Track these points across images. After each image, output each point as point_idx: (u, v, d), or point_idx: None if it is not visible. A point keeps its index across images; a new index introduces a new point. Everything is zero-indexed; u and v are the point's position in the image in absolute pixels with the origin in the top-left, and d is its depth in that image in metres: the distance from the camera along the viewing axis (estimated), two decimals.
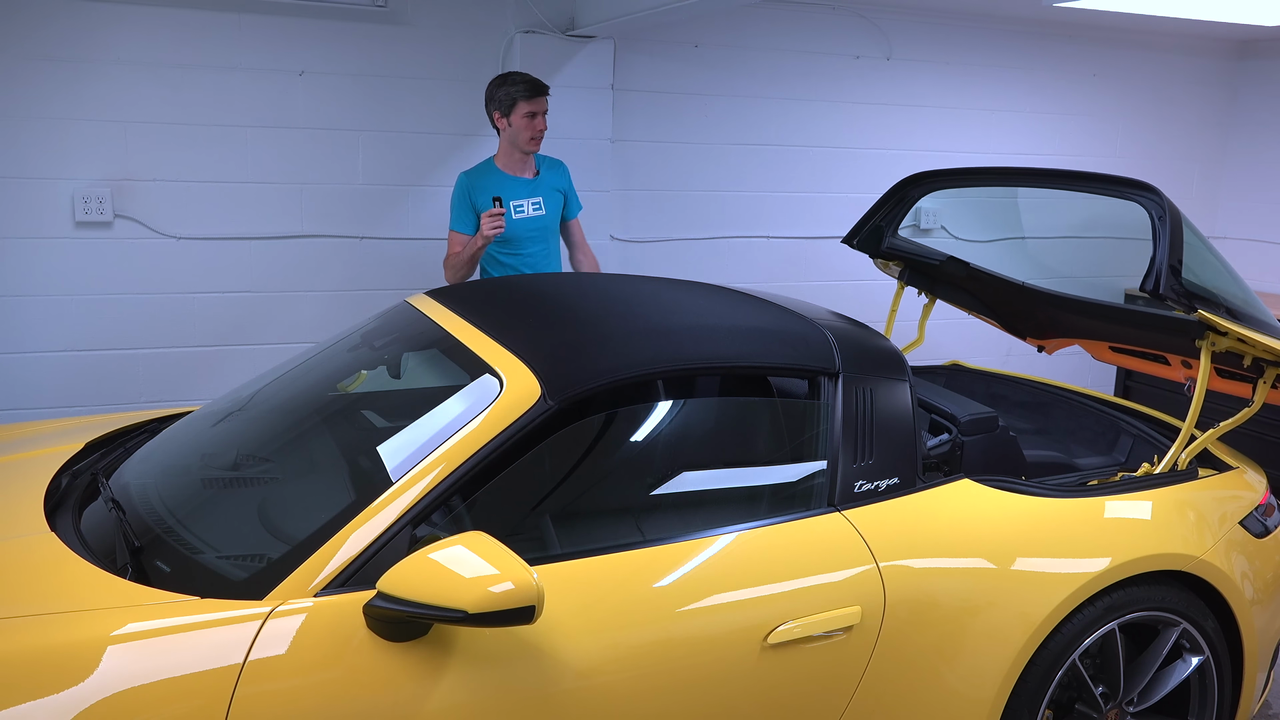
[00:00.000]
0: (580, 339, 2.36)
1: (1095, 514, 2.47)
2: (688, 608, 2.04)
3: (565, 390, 2.13)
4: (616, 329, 2.43)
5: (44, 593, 1.85)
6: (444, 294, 2.79)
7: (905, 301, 3.73)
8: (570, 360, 2.24)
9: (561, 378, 2.15)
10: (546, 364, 2.19)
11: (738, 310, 2.63)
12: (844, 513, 2.26)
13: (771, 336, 2.46)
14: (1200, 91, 6.29)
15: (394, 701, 1.79)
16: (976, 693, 2.26)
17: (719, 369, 2.38)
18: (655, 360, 2.28)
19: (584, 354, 2.28)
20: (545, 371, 2.17)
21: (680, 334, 2.41)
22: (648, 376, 2.28)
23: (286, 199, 4.40)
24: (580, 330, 2.42)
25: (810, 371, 2.40)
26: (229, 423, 2.60)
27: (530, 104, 3.79)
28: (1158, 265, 2.51)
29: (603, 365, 2.23)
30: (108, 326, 4.25)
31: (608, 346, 2.32)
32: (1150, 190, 2.65)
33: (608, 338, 2.37)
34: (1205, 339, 2.71)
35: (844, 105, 5.39)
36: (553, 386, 2.13)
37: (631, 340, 2.35)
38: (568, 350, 2.28)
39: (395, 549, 1.88)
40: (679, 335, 2.40)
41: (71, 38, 4.00)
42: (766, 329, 2.50)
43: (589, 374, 2.19)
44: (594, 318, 2.50)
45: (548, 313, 2.56)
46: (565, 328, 2.43)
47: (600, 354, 2.29)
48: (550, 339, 2.34)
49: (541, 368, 2.18)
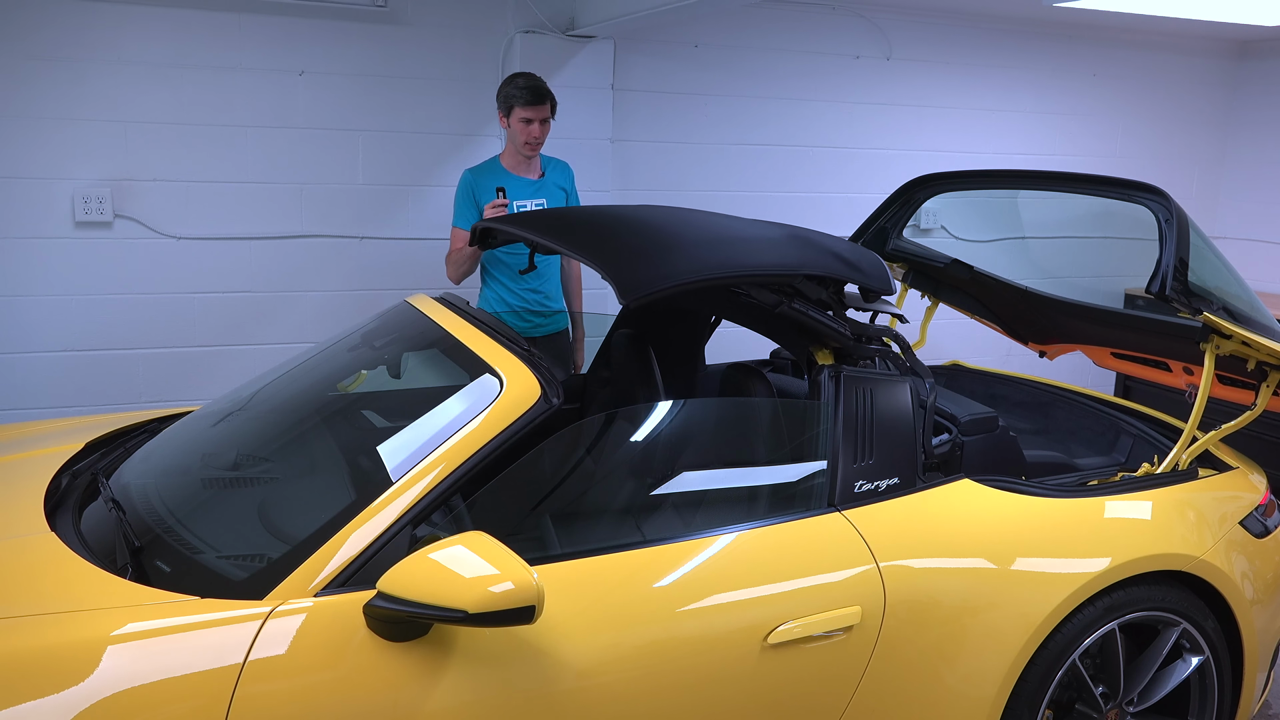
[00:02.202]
0: (646, 245, 2.36)
1: (1095, 514, 2.47)
2: (688, 608, 2.04)
3: (637, 290, 2.15)
4: (683, 238, 2.43)
5: (44, 593, 1.85)
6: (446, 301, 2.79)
7: (908, 303, 3.73)
8: (640, 263, 2.24)
9: (632, 279, 2.17)
10: (616, 266, 2.21)
11: (791, 229, 2.63)
12: (844, 513, 2.26)
13: (829, 251, 2.46)
14: (1200, 91, 6.29)
15: (394, 701, 1.79)
16: (977, 692, 2.26)
17: (783, 275, 2.36)
18: (724, 265, 2.29)
19: (653, 258, 2.28)
20: (616, 273, 2.20)
21: (745, 242, 2.41)
22: (719, 280, 2.29)
23: (286, 199, 4.40)
24: (645, 238, 2.42)
25: (870, 291, 2.42)
26: (229, 423, 2.59)
27: (527, 110, 3.78)
28: (1164, 268, 2.51)
29: (672, 269, 2.24)
30: (108, 326, 4.25)
31: (676, 252, 2.33)
32: (1158, 193, 2.65)
33: (674, 245, 2.37)
34: (1209, 342, 2.71)
35: (844, 105, 5.39)
36: (624, 287, 2.16)
37: (699, 247, 2.36)
38: (635, 254, 2.29)
39: (395, 549, 1.88)
40: (743, 244, 2.40)
41: (71, 38, 4.00)
42: (826, 244, 2.50)
43: (660, 276, 2.21)
44: (655, 229, 2.50)
45: (608, 225, 2.58)
46: (631, 235, 2.44)
47: (669, 259, 2.29)
48: (615, 244, 2.35)
49: (612, 270, 2.20)
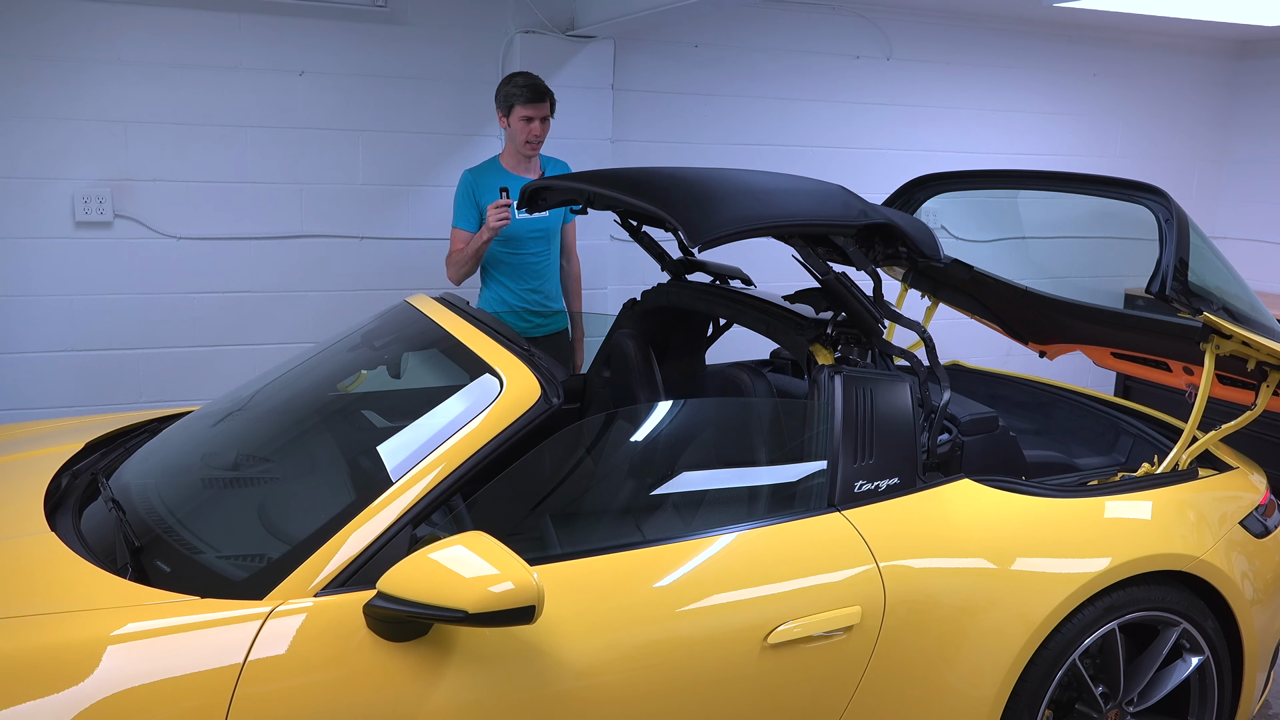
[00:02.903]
0: (710, 193, 2.39)
1: (1095, 514, 2.47)
2: (688, 608, 2.04)
3: (705, 233, 2.20)
4: (745, 187, 2.47)
5: (44, 593, 1.85)
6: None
7: (908, 304, 3.73)
8: (706, 208, 2.29)
9: (701, 222, 2.22)
10: (684, 211, 2.26)
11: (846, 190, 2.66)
12: (844, 513, 2.26)
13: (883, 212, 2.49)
14: (1200, 91, 6.29)
15: (394, 701, 1.79)
16: (977, 692, 2.26)
17: (845, 225, 2.39)
18: (789, 214, 2.35)
19: (719, 204, 2.32)
20: (684, 217, 2.24)
21: (807, 194, 2.46)
22: (785, 228, 2.33)
23: (286, 199, 4.40)
24: (707, 187, 2.45)
25: (919, 253, 2.46)
26: (229, 423, 2.60)
27: (527, 109, 3.78)
28: (1164, 268, 2.51)
29: (739, 214, 2.28)
30: (108, 326, 4.25)
31: (741, 199, 2.37)
32: (1158, 193, 2.65)
33: (737, 193, 2.41)
34: (1210, 342, 2.71)
35: (844, 105, 5.39)
36: (693, 230, 2.20)
37: (764, 196, 2.42)
38: (701, 200, 2.33)
39: (395, 549, 1.88)
40: (806, 195, 2.46)
41: (72, 38, 4.01)
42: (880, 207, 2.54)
43: (728, 220, 2.24)
44: (715, 180, 2.53)
45: (668, 177, 2.61)
46: (692, 185, 2.47)
47: (735, 204, 2.33)
48: (679, 192, 2.39)
49: (680, 214, 2.25)
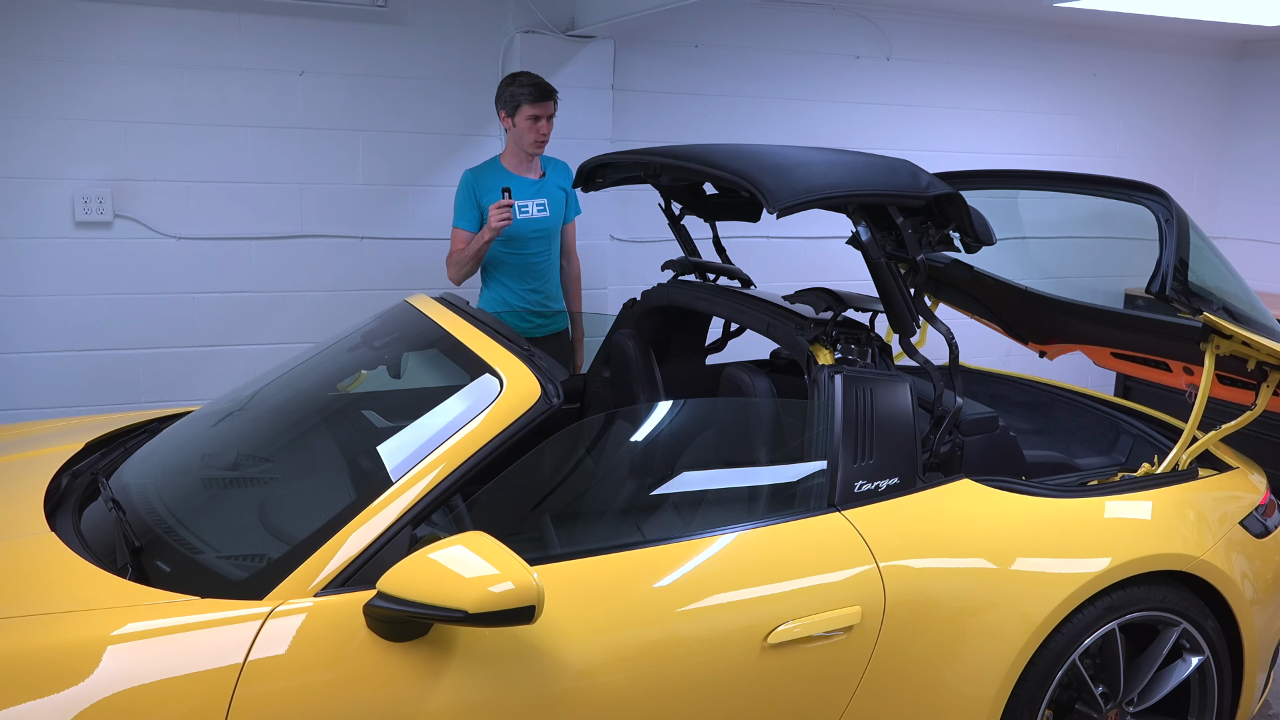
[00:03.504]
0: (783, 163, 2.44)
1: (1095, 514, 2.47)
2: (688, 608, 2.04)
3: (785, 200, 2.26)
4: (817, 159, 2.52)
5: (44, 593, 1.85)
6: None
7: None
8: (784, 176, 2.34)
9: (781, 189, 2.28)
10: (762, 178, 2.32)
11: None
12: (844, 513, 2.26)
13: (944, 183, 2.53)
14: (1200, 91, 6.29)
15: (394, 701, 1.79)
16: (976, 692, 2.26)
17: (915, 195, 2.42)
18: (863, 183, 2.39)
19: (795, 173, 2.38)
20: (763, 184, 2.30)
21: (876, 167, 2.50)
22: (860, 197, 2.37)
23: (286, 199, 4.40)
24: (779, 158, 2.50)
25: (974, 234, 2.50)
26: (229, 423, 2.60)
27: (534, 108, 3.78)
28: (1164, 268, 2.51)
29: (817, 182, 2.34)
30: (108, 326, 4.25)
31: (817, 169, 2.42)
32: (1158, 193, 2.65)
33: (811, 164, 2.46)
34: (1210, 342, 2.71)
35: (844, 105, 5.39)
36: (773, 196, 2.26)
37: (837, 167, 2.46)
38: (776, 169, 2.39)
39: (395, 549, 1.88)
40: (876, 167, 2.49)
41: (72, 38, 4.00)
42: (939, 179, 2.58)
43: (806, 189, 2.31)
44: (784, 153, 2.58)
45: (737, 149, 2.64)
46: (764, 156, 2.52)
47: (812, 173, 2.39)
48: (754, 162, 2.44)
49: (758, 181, 2.31)
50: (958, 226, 2.49)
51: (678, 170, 2.77)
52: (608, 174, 3.15)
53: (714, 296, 2.98)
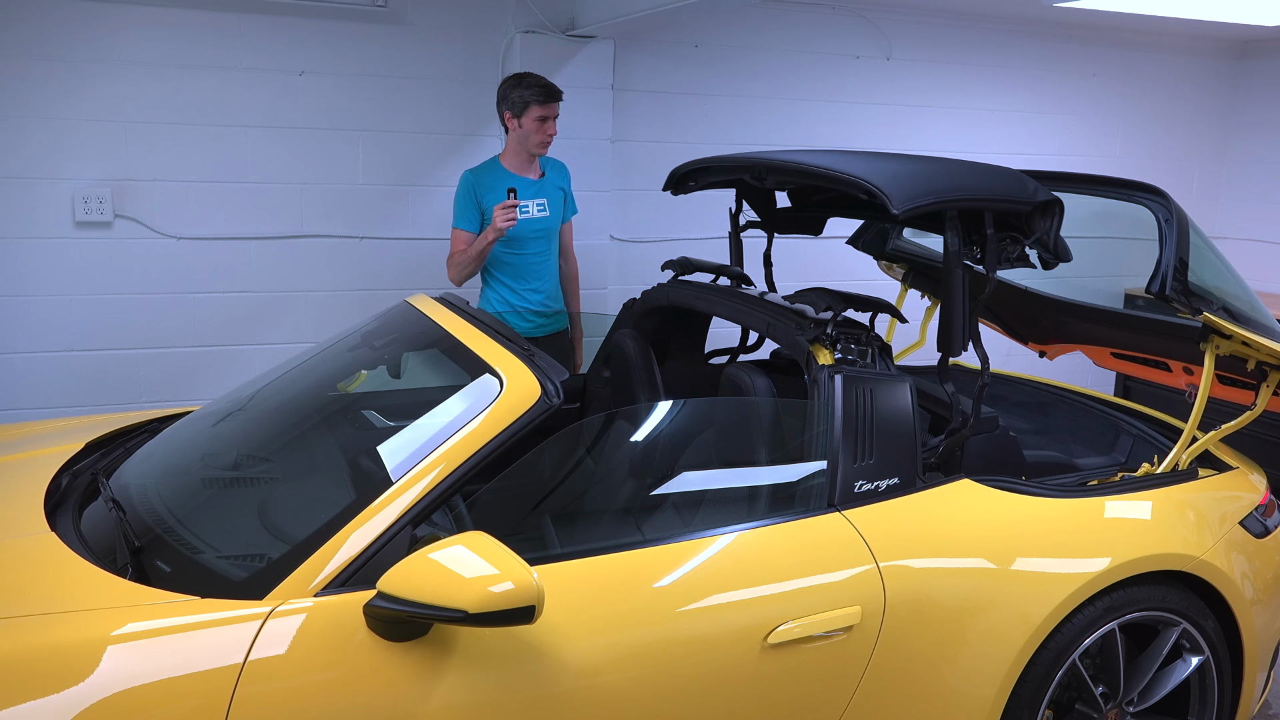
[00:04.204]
0: (900, 169, 2.52)
1: (1095, 514, 2.47)
2: (688, 608, 2.04)
3: (909, 202, 2.32)
4: (929, 164, 2.62)
5: (44, 593, 1.85)
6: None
7: (908, 303, 3.73)
8: (904, 181, 2.41)
9: (904, 192, 2.34)
10: (884, 182, 2.37)
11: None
12: (844, 513, 2.26)
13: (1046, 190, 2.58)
14: (1200, 91, 6.29)
15: (394, 701, 1.79)
16: (976, 692, 2.26)
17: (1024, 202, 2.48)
18: (981, 189, 2.46)
19: (915, 178, 2.45)
20: (886, 187, 2.34)
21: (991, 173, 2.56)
22: (978, 203, 2.44)
23: (286, 199, 4.40)
24: (893, 163, 2.58)
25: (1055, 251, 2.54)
26: (229, 423, 2.60)
27: (543, 109, 3.79)
28: (1164, 268, 2.51)
29: (937, 187, 2.42)
30: (108, 326, 4.25)
31: (934, 174, 2.51)
32: (1158, 193, 2.65)
33: (927, 169, 2.55)
34: (1209, 342, 2.71)
35: (844, 105, 5.39)
36: (897, 198, 2.31)
37: (952, 172, 2.56)
38: (895, 174, 2.45)
39: (395, 549, 1.88)
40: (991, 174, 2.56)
41: (72, 38, 4.00)
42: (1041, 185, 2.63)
43: (927, 191, 2.38)
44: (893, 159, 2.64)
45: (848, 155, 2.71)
46: (878, 162, 2.59)
47: (931, 178, 2.47)
48: (871, 167, 2.51)
49: (882, 184, 2.36)
50: (1039, 240, 2.50)
51: (788, 174, 2.78)
52: (701, 178, 3.15)
53: (714, 296, 2.98)
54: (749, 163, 2.85)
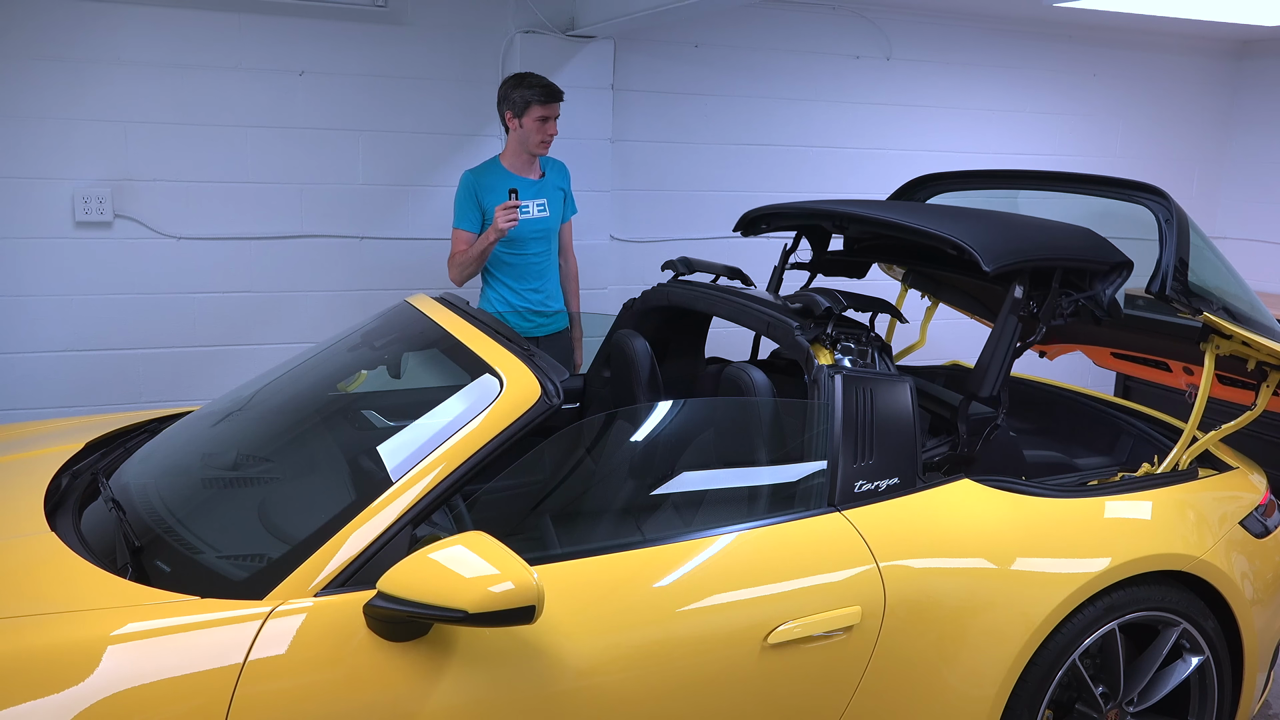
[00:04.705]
0: (987, 225, 2.62)
1: (1095, 514, 2.47)
2: (688, 608, 2.04)
3: (1001, 260, 2.45)
4: (1015, 221, 2.71)
5: (44, 593, 1.85)
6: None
7: (908, 304, 3.73)
8: (995, 237, 2.53)
9: (995, 249, 2.47)
10: (975, 239, 2.50)
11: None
12: (844, 513, 2.26)
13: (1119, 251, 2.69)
14: (1200, 91, 6.29)
15: (394, 701, 1.79)
16: (977, 692, 2.26)
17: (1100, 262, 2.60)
18: (1068, 249, 2.58)
19: (1004, 234, 2.56)
20: (978, 243, 2.47)
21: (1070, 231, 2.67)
22: (1064, 262, 2.56)
23: (286, 199, 4.40)
24: (979, 220, 2.68)
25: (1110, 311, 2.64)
26: (229, 423, 2.60)
27: (544, 109, 3.79)
28: (1164, 268, 2.51)
29: (1027, 244, 2.53)
30: (108, 326, 4.25)
31: (1020, 231, 2.61)
32: (1158, 193, 2.65)
33: (1015, 225, 2.65)
34: (1210, 342, 2.71)
35: (844, 105, 5.39)
36: (990, 255, 2.44)
37: (1043, 230, 2.66)
38: (985, 231, 2.57)
39: (395, 549, 1.88)
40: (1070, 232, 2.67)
41: (72, 38, 4.00)
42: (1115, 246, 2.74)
43: (1017, 250, 2.50)
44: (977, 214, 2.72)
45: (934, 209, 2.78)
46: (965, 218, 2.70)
47: (1021, 236, 2.57)
48: (961, 224, 2.62)
49: (973, 241, 2.48)
50: (1093, 297, 2.60)
51: (874, 226, 2.85)
52: (774, 221, 3.18)
53: (714, 296, 2.98)
54: (831, 213, 2.92)
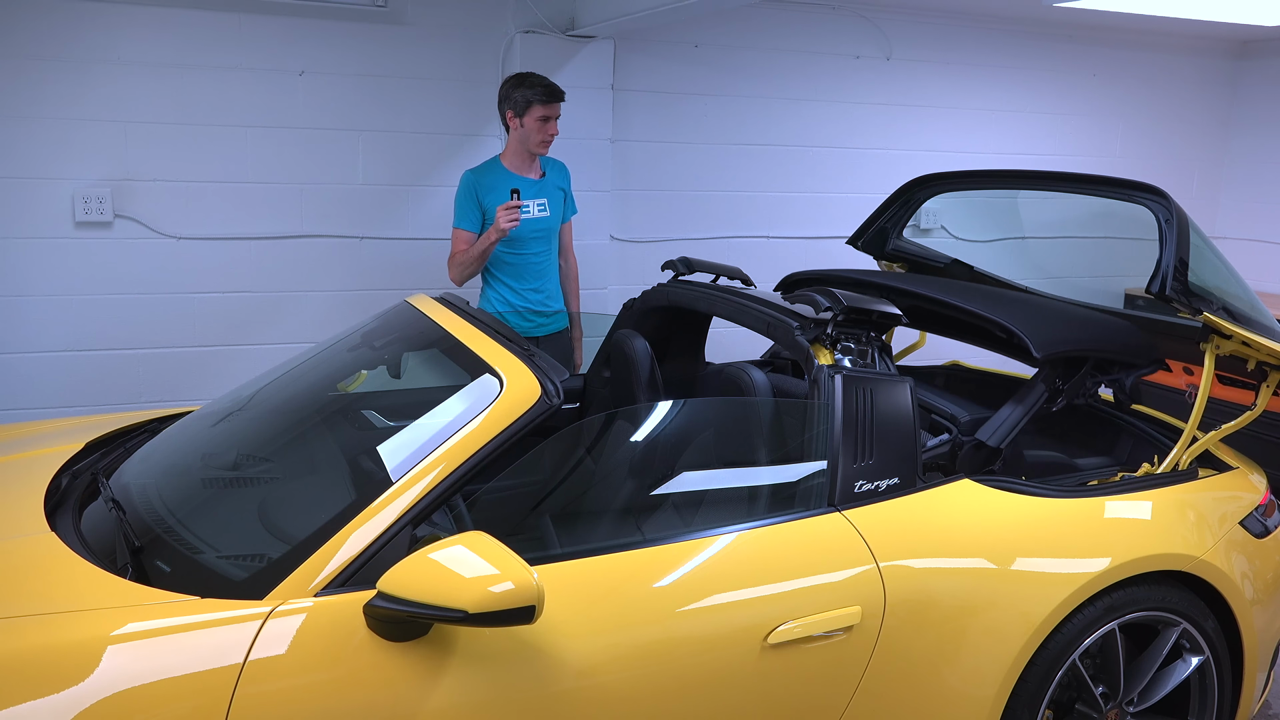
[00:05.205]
0: (1038, 312, 2.84)
1: (1095, 514, 2.47)
2: (688, 608, 2.04)
3: (1051, 347, 2.66)
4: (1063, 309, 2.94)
5: (44, 593, 1.85)
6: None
7: None
8: (1044, 326, 2.73)
9: (1045, 338, 2.67)
10: (1026, 325, 2.70)
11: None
12: (844, 513, 2.26)
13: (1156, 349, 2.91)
14: (1200, 91, 6.29)
15: (394, 701, 1.79)
16: (977, 692, 2.26)
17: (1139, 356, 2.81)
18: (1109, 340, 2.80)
19: (1055, 323, 2.77)
20: (1030, 332, 2.66)
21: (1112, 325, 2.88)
22: (1108, 353, 2.77)
23: (286, 199, 4.40)
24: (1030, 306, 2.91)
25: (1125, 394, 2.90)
26: (229, 423, 2.59)
27: (545, 108, 3.79)
28: (1164, 268, 2.51)
29: (1075, 335, 2.76)
30: (108, 326, 4.25)
31: (1069, 321, 2.82)
32: (1158, 193, 2.65)
33: (1056, 314, 2.85)
34: (1210, 342, 2.71)
35: (844, 105, 5.39)
36: (1039, 343, 2.64)
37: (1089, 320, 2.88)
38: (1035, 318, 2.78)
39: (395, 549, 1.88)
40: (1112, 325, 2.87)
41: (72, 38, 4.01)
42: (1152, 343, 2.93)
43: (1066, 339, 2.71)
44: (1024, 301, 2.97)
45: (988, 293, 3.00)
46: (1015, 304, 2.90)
47: (1067, 326, 2.78)
48: (1013, 309, 2.82)
49: (1025, 329, 2.67)
50: (1116, 380, 2.85)
51: (926, 302, 2.98)
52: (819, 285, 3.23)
53: (714, 296, 2.98)
54: (882, 284, 3.03)
